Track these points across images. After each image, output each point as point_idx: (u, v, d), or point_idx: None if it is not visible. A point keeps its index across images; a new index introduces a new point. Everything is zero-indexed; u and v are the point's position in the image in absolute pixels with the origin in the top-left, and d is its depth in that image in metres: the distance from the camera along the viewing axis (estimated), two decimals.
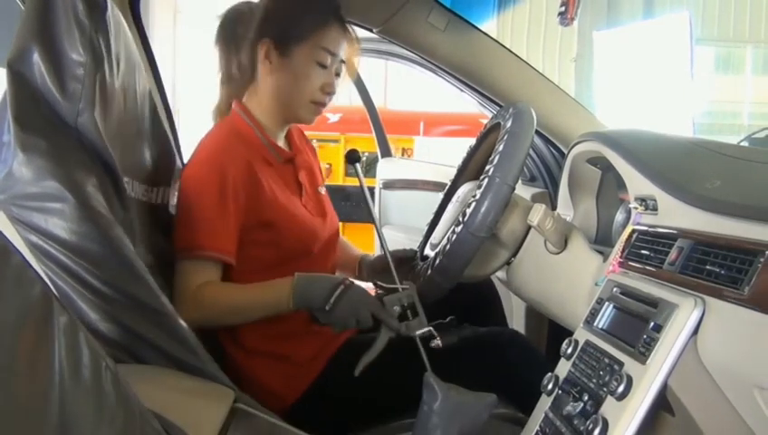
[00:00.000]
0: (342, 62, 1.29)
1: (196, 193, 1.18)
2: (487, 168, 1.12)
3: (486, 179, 1.09)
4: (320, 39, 1.24)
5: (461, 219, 1.10)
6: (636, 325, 0.86)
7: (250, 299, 1.18)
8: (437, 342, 1.10)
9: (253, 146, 1.25)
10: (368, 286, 1.23)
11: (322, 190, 1.40)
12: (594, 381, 0.88)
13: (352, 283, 1.14)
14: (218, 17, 1.39)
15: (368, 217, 1.29)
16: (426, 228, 1.47)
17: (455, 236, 1.10)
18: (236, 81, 1.32)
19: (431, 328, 1.10)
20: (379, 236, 1.23)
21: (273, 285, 1.17)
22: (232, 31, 1.34)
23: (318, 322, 1.15)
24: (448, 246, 1.10)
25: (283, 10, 1.26)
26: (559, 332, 1.20)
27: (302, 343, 1.25)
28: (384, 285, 1.19)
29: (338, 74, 1.28)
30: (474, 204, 1.08)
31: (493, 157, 1.13)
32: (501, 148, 1.12)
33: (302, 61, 1.24)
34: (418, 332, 1.09)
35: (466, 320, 1.33)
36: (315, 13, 1.25)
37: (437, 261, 1.12)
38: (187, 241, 1.17)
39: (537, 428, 0.96)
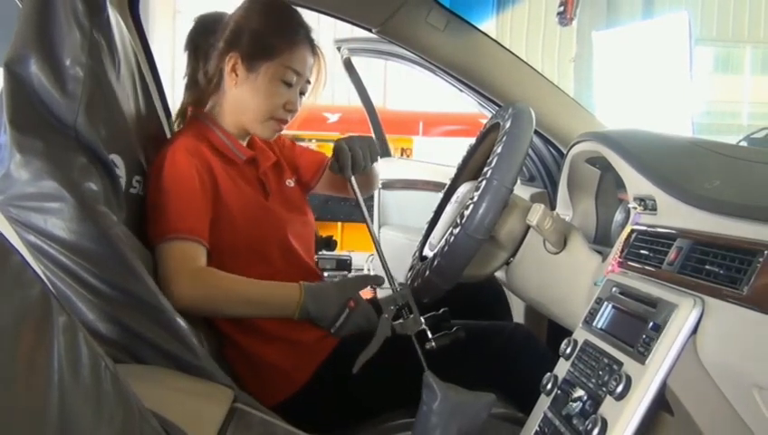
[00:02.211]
0: (308, 82, 1.31)
1: (167, 182, 1.18)
2: (485, 169, 1.12)
3: (484, 181, 1.09)
4: (287, 59, 1.27)
5: (459, 221, 1.10)
6: (635, 325, 0.86)
7: (254, 293, 1.19)
8: (432, 344, 1.13)
9: (215, 146, 1.28)
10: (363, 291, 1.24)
11: (291, 183, 1.42)
12: (593, 380, 0.88)
13: (357, 303, 1.17)
14: (192, 21, 1.40)
15: (364, 219, 1.29)
16: (425, 228, 1.46)
17: (452, 237, 1.10)
18: (200, 88, 1.34)
19: (425, 327, 1.14)
20: (374, 239, 1.24)
21: (281, 287, 1.19)
22: (203, 39, 1.35)
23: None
24: (446, 248, 1.10)
25: (254, 26, 1.28)
26: (558, 331, 1.20)
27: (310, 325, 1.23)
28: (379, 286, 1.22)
29: (302, 93, 1.32)
30: (471, 206, 1.08)
31: (491, 158, 1.13)
32: (499, 149, 1.11)
33: (268, 78, 1.26)
34: (414, 331, 1.13)
35: (471, 317, 1.33)
36: (286, 32, 1.28)
37: (435, 262, 1.12)
38: (172, 223, 1.16)
39: (536, 427, 0.96)
